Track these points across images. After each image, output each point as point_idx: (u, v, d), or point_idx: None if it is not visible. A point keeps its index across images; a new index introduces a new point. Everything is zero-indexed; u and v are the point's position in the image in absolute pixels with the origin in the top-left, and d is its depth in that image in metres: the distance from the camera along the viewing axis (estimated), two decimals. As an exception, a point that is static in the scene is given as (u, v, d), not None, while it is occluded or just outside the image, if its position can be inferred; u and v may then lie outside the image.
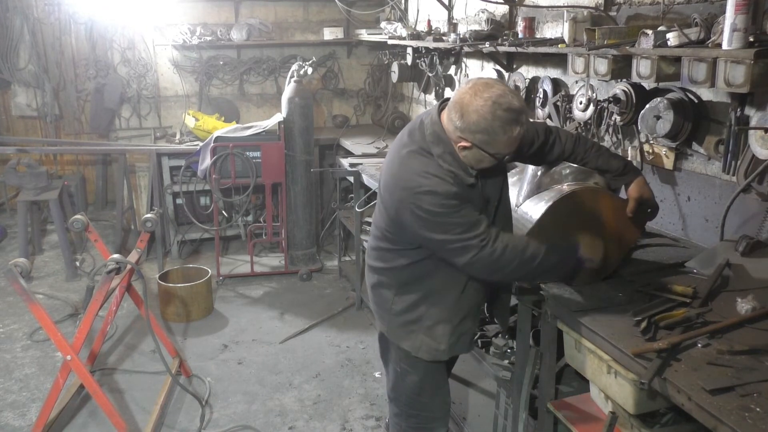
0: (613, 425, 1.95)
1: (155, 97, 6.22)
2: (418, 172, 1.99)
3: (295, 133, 5.10)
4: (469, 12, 4.57)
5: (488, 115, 1.88)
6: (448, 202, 1.95)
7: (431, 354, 2.26)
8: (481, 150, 1.95)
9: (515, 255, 1.99)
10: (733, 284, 2.19)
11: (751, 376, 1.64)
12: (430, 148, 2.01)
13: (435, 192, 1.95)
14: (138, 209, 5.98)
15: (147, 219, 3.59)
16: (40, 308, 2.86)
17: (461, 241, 1.97)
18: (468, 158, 2.00)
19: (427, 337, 2.23)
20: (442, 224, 1.97)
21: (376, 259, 2.31)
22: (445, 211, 1.95)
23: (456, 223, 1.96)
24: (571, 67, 2.86)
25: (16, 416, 3.37)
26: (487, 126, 1.89)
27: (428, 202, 1.95)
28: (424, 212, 1.97)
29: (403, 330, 2.26)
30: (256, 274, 5.22)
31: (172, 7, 6.02)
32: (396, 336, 2.29)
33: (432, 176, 1.97)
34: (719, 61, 2.13)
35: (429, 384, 2.35)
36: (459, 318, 2.23)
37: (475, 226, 1.97)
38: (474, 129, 1.91)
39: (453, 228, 1.97)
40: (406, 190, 2.00)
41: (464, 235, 1.96)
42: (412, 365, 2.30)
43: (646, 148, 2.89)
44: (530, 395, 2.40)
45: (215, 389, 3.62)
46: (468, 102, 1.91)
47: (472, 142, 1.94)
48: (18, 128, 6.41)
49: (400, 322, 2.26)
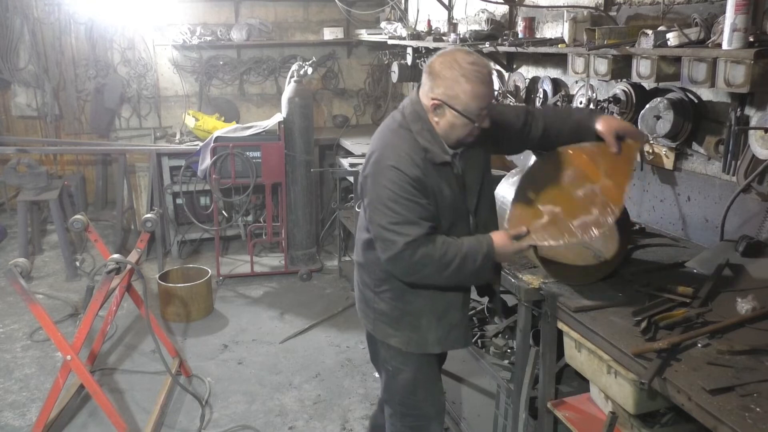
0: (613, 425, 1.95)
1: (155, 97, 6.22)
2: (393, 147, 2.03)
3: (295, 133, 5.10)
4: (469, 12, 4.57)
5: (453, 67, 1.94)
6: (405, 186, 1.97)
7: (421, 347, 2.24)
8: (449, 108, 1.96)
9: (430, 261, 1.99)
10: (733, 284, 2.19)
11: (751, 376, 1.64)
12: (409, 125, 2.05)
13: (399, 170, 1.97)
14: (138, 209, 5.98)
15: (147, 219, 3.59)
16: (40, 308, 2.86)
17: (391, 232, 1.98)
18: (442, 126, 2.01)
19: (413, 332, 2.22)
20: (388, 206, 1.98)
21: (358, 254, 2.32)
22: (397, 193, 1.97)
23: (396, 211, 1.98)
24: (571, 67, 2.86)
25: (16, 416, 3.37)
26: (452, 77, 1.93)
27: (389, 177, 1.98)
28: (381, 186, 2.00)
29: (390, 327, 2.25)
30: (256, 274, 5.22)
31: (172, 7, 6.02)
32: (383, 334, 2.28)
33: (405, 155, 2.00)
34: (719, 61, 2.13)
35: (422, 381, 2.33)
36: (441, 309, 2.21)
37: (410, 226, 1.98)
38: (440, 84, 1.96)
39: (392, 215, 1.98)
40: (377, 163, 2.04)
41: (396, 227, 1.97)
42: (404, 362, 2.29)
43: (646, 148, 2.89)
44: (530, 395, 2.40)
45: (215, 389, 3.62)
46: (436, 65, 1.99)
47: (440, 98, 1.96)
48: (18, 128, 6.40)
49: (385, 320, 2.25)
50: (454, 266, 2.00)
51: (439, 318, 2.21)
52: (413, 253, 1.97)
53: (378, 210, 2.02)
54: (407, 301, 2.19)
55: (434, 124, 2.02)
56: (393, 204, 1.98)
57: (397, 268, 2.05)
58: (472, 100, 1.94)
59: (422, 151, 2.01)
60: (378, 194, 2.01)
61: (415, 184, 1.98)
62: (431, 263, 1.99)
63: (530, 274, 2.36)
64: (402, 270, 2.05)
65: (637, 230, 2.79)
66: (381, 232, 2.02)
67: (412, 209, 1.98)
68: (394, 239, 1.98)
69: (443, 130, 2.02)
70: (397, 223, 1.98)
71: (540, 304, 2.27)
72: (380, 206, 2.01)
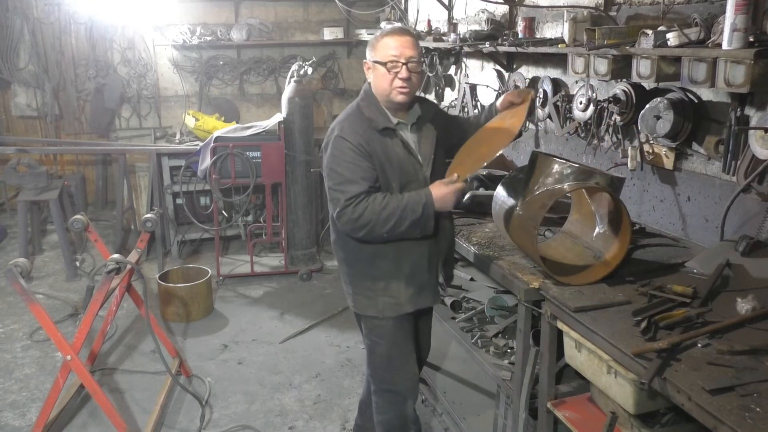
0: (613, 425, 1.95)
1: (155, 97, 6.23)
2: (341, 122, 2.37)
3: (295, 133, 5.10)
4: (469, 12, 4.57)
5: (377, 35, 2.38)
6: (346, 151, 2.27)
7: (395, 310, 2.44)
8: (372, 63, 2.35)
9: (372, 213, 2.25)
10: (733, 284, 2.19)
11: (751, 376, 1.64)
12: (359, 103, 2.40)
13: (344, 138, 2.29)
14: (138, 209, 5.98)
15: (147, 219, 3.59)
16: (40, 308, 2.86)
17: (334, 191, 2.29)
18: (374, 86, 2.36)
19: (386, 297, 2.43)
20: (334, 169, 2.30)
21: (334, 230, 2.52)
22: (339, 157, 2.28)
23: (338, 172, 2.28)
24: (571, 67, 2.86)
25: (16, 416, 3.37)
26: (374, 39, 2.38)
27: (335, 145, 2.31)
28: (329, 154, 2.32)
29: (366, 298, 2.47)
30: (256, 274, 5.22)
31: (172, 7, 6.02)
32: (362, 306, 2.49)
33: (348, 126, 2.33)
34: (719, 61, 2.13)
35: (396, 355, 2.52)
36: (408, 271, 2.41)
37: (350, 184, 2.26)
38: (368, 49, 2.39)
39: (335, 176, 2.29)
40: (329, 136, 2.36)
41: (339, 187, 2.27)
42: (379, 336, 2.50)
43: (646, 148, 2.89)
44: (530, 395, 2.40)
45: (215, 389, 3.62)
46: None
47: (367, 60, 2.38)
48: (18, 128, 6.41)
49: (361, 293, 2.48)
50: (396, 218, 2.25)
51: (408, 280, 2.43)
52: (355, 208, 2.24)
53: (327, 174, 2.34)
54: (377, 267, 2.41)
55: (372, 90, 2.37)
56: (336, 167, 2.29)
57: (344, 223, 2.30)
58: (383, 48, 2.31)
59: (367, 120, 2.33)
60: (327, 161, 2.33)
61: (356, 149, 2.27)
62: (373, 216, 2.25)
63: (530, 274, 2.36)
64: (348, 224, 2.29)
65: (637, 230, 2.78)
66: (330, 192, 2.34)
67: (352, 170, 2.27)
68: (338, 197, 2.28)
69: (376, 89, 2.36)
70: (340, 183, 2.28)
71: (540, 304, 2.27)
72: (328, 170, 2.33)
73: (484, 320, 3.09)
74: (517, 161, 4.03)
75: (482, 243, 2.77)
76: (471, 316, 3.14)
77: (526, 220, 2.37)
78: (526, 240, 2.36)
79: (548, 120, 3.60)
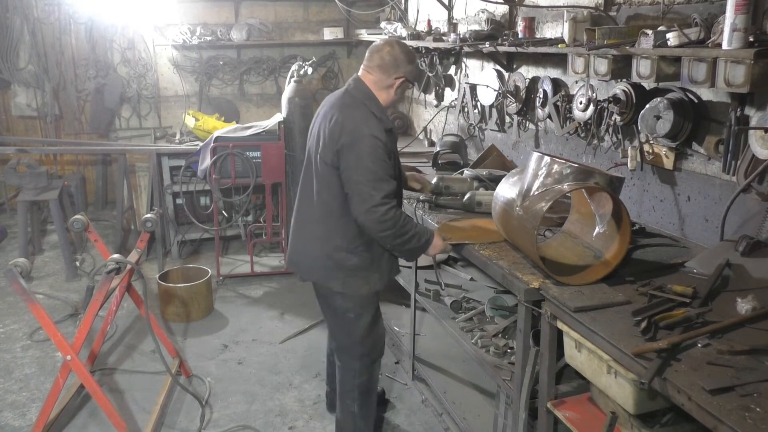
0: (613, 425, 1.95)
1: (155, 97, 6.23)
2: (361, 119, 2.55)
3: (295, 133, 5.10)
4: (469, 12, 4.57)
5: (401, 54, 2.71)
6: (379, 150, 2.50)
7: (381, 283, 2.80)
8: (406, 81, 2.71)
9: (394, 224, 2.51)
10: (733, 284, 2.19)
11: (751, 376, 1.64)
12: (363, 102, 2.61)
13: (376, 137, 2.50)
14: (138, 209, 5.98)
15: (147, 219, 3.59)
16: (40, 308, 2.86)
17: (365, 186, 2.48)
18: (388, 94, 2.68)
19: (377, 274, 2.76)
20: (367, 167, 2.48)
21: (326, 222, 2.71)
22: (373, 155, 2.48)
23: (372, 170, 2.48)
24: (571, 67, 2.86)
25: (16, 416, 3.37)
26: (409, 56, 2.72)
27: (369, 144, 2.49)
28: (362, 152, 2.48)
29: (360, 279, 2.72)
30: (256, 274, 5.23)
31: (172, 7, 6.03)
32: (354, 287, 2.73)
33: (375, 124, 2.54)
34: (719, 61, 2.13)
35: (376, 321, 2.88)
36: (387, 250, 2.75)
37: (383, 182, 2.49)
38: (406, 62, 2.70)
39: (368, 173, 2.48)
40: (353, 132, 2.51)
41: (372, 183, 2.47)
42: (363, 307, 2.79)
43: (646, 148, 2.89)
44: (530, 395, 2.40)
45: (215, 389, 3.62)
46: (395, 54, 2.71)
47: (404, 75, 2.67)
48: (18, 128, 6.41)
49: (357, 273, 2.71)
50: (407, 237, 2.57)
51: (389, 256, 2.78)
52: (388, 210, 2.49)
53: (357, 169, 2.49)
54: (374, 249, 2.70)
55: (390, 95, 2.67)
56: (370, 164, 2.48)
57: (372, 219, 2.50)
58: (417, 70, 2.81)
59: (379, 121, 2.57)
60: (357, 157, 2.48)
61: (384, 147, 2.52)
62: (396, 226, 2.52)
63: (530, 274, 2.36)
64: (374, 221, 2.50)
65: (637, 230, 2.78)
66: (361, 188, 2.49)
67: (384, 168, 2.51)
68: (370, 193, 2.48)
69: (383, 97, 2.66)
70: (373, 180, 2.48)
71: (540, 304, 2.27)
72: (359, 167, 2.49)
73: (484, 320, 3.10)
74: (517, 161, 4.03)
75: (482, 243, 2.77)
76: (471, 316, 3.14)
77: (526, 220, 2.37)
78: (526, 240, 2.36)
79: (548, 120, 3.60)
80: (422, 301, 3.44)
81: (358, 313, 2.80)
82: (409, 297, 3.59)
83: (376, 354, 2.93)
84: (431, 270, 3.59)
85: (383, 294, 4.48)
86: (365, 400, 2.93)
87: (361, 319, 2.81)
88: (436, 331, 3.99)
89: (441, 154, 4.30)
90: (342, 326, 2.86)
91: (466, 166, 4.03)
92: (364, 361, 2.87)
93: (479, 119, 4.46)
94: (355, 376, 2.88)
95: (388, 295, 4.48)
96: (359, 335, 2.83)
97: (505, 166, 3.83)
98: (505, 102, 4.02)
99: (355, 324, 2.82)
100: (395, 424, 3.31)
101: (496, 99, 4.14)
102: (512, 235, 2.60)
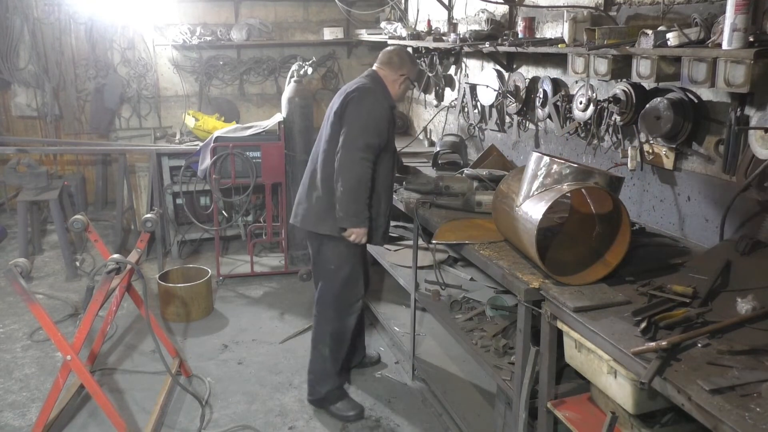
0: (613, 425, 1.95)
1: (155, 97, 6.23)
2: (372, 92, 3.09)
3: (295, 133, 5.11)
4: (469, 12, 4.57)
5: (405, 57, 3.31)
6: (384, 112, 3.07)
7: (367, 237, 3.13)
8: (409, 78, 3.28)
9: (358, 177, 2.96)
10: (733, 284, 2.19)
11: (751, 376, 1.64)
12: (375, 87, 3.14)
13: (380, 102, 3.08)
14: (138, 209, 5.98)
15: (147, 219, 3.59)
16: (40, 308, 2.86)
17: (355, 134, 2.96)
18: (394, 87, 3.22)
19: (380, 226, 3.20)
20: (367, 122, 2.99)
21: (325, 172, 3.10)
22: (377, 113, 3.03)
23: (370, 126, 2.99)
24: (571, 67, 2.86)
25: (16, 416, 3.37)
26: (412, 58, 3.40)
27: (377, 103, 3.06)
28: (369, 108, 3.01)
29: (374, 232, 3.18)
30: (256, 274, 5.23)
31: (172, 7, 6.03)
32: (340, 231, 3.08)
33: (381, 97, 3.12)
34: (719, 61, 2.13)
35: (356, 275, 3.25)
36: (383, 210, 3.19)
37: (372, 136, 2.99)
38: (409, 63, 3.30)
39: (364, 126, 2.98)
40: (363, 94, 3.05)
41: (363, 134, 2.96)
42: (346, 259, 3.18)
43: (646, 148, 2.89)
44: (530, 395, 2.40)
45: (215, 389, 3.62)
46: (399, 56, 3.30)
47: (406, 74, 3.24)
48: (18, 128, 6.41)
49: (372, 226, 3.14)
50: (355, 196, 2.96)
51: (385, 219, 3.21)
52: (361, 160, 2.94)
53: (356, 118, 2.98)
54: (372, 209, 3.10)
55: (396, 88, 3.21)
56: (370, 120, 3.00)
57: (344, 158, 2.95)
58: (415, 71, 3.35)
59: (386, 97, 3.14)
60: (359, 108, 3.00)
61: (384, 113, 3.07)
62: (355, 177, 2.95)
63: (530, 274, 2.36)
64: (344, 161, 2.95)
65: (637, 230, 2.79)
66: (352, 130, 2.97)
67: (377, 127, 3.01)
68: (357, 138, 2.95)
69: (389, 89, 3.19)
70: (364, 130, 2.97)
71: (540, 304, 2.27)
72: (359, 118, 2.99)
73: (484, 320, 3.10)
74: (517, 161, 4.03)
75: (482, 243, 2.77)
76: (471, 316, 3.14)
77: (526, 220, 2.38)
78: (526, 240, 2.37)
79: (548, 120, 3.60)
80: (422, 301, 3.44)
81: (338, 264, 3.18)
82: (409, 297, 3.59)
83: (351, 310, 3.28)
84: (431, 270, 3.59)
85: (383, 294, 4.51)
86: (336, 346, 3.31)
87: (340, 271, 3.19)
88: (436, 331, 3.99)
89: (441, 154, 4.30)
90: (323, 276, 3.27)
91: (466, 166, 4.03)
92: (339, 313, 3.24)
93: (479, 119, 4.46)
94: (328, 323, 3.27)
95: (389, 295, 4.48)
96: (337, 287, 3.22)
97: (505, 166, 3.83)
98: (505, 102, 4.02)
99: (335, 275, 3.20)
100: (395, 424, 3.31)
101: (496, 99, 4.14)
102: (512, 235, 2.60)
